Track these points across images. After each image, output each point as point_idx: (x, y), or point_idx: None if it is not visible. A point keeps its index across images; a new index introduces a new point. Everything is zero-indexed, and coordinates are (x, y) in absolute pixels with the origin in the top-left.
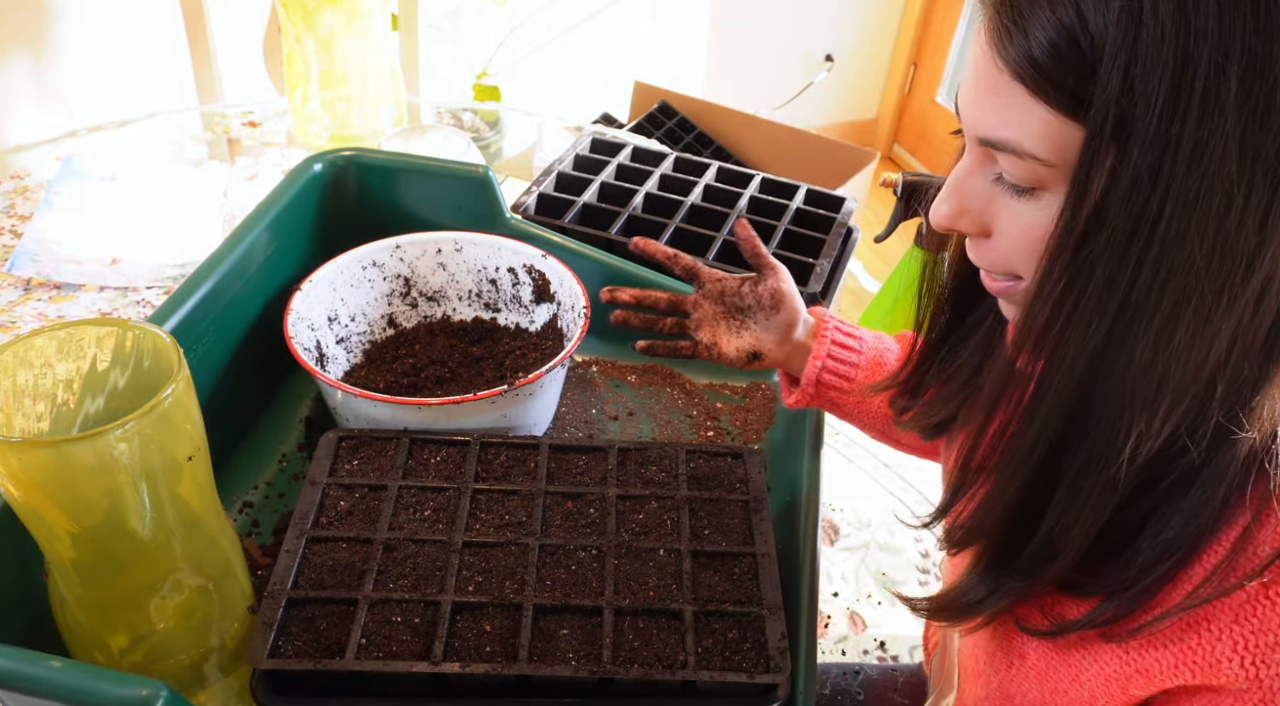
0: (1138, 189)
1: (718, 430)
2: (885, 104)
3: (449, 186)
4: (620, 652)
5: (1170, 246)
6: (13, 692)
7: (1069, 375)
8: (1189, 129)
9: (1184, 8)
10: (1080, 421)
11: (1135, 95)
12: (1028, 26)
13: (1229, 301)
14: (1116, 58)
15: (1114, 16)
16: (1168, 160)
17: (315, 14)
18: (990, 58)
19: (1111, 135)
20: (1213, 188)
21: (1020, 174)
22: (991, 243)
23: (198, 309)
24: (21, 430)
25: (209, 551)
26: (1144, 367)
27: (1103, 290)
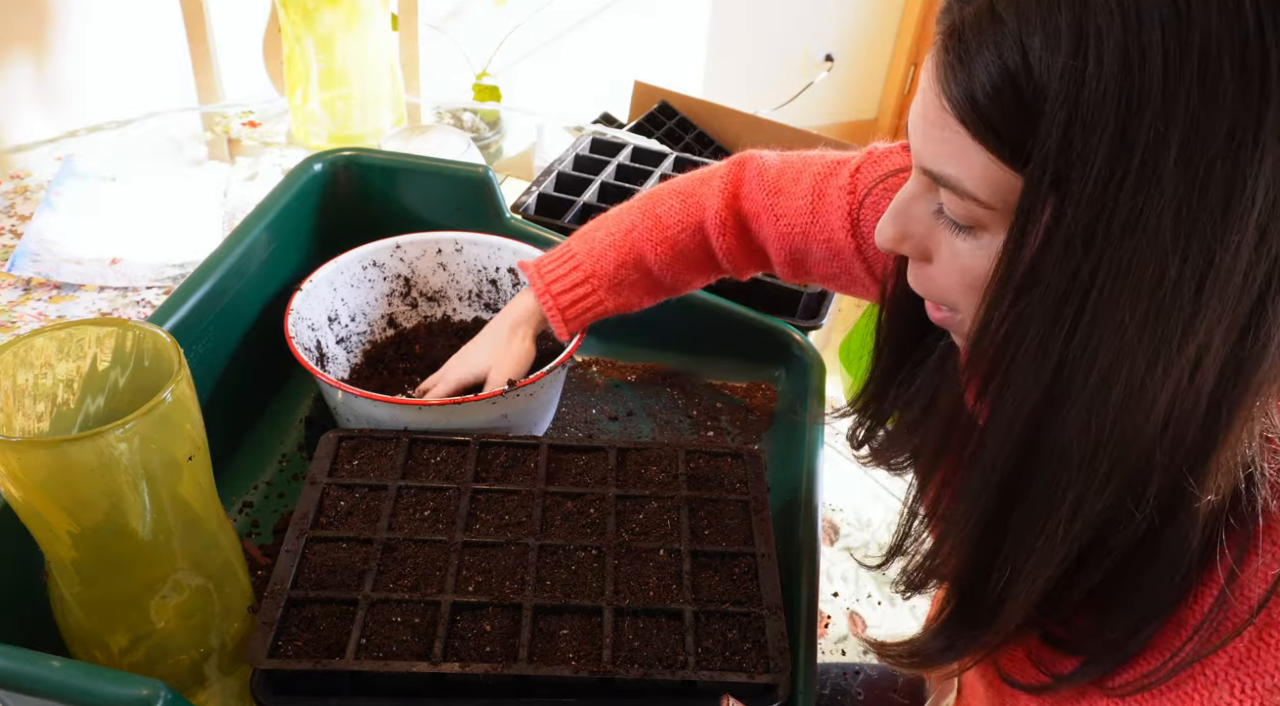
0: (1070, 251)
1: (718, 430)
2: (885, 104)
3: (449, 186)
4: (620, 652)
5: (1103, 311)
6: (13, 692)
7: (1009, 429)
8: (1125, 195)
9: (1129, 68)
10: (1023, 477)
11: (1073, 154)
12: (973, 66)
13: (1164, 369)
14: (1057, 113)
15: (1058, 69)
16: (1101, 225)
17: (315, 14)
18: (935, 92)
19: (1049, 191)
20: (1146, 257)
21: (960, 211)
22: (931, 271)
23: (198, 309)
24: (21, 430)
25: (209, 551)
26: (1080, 428)
27: (1037, 348)
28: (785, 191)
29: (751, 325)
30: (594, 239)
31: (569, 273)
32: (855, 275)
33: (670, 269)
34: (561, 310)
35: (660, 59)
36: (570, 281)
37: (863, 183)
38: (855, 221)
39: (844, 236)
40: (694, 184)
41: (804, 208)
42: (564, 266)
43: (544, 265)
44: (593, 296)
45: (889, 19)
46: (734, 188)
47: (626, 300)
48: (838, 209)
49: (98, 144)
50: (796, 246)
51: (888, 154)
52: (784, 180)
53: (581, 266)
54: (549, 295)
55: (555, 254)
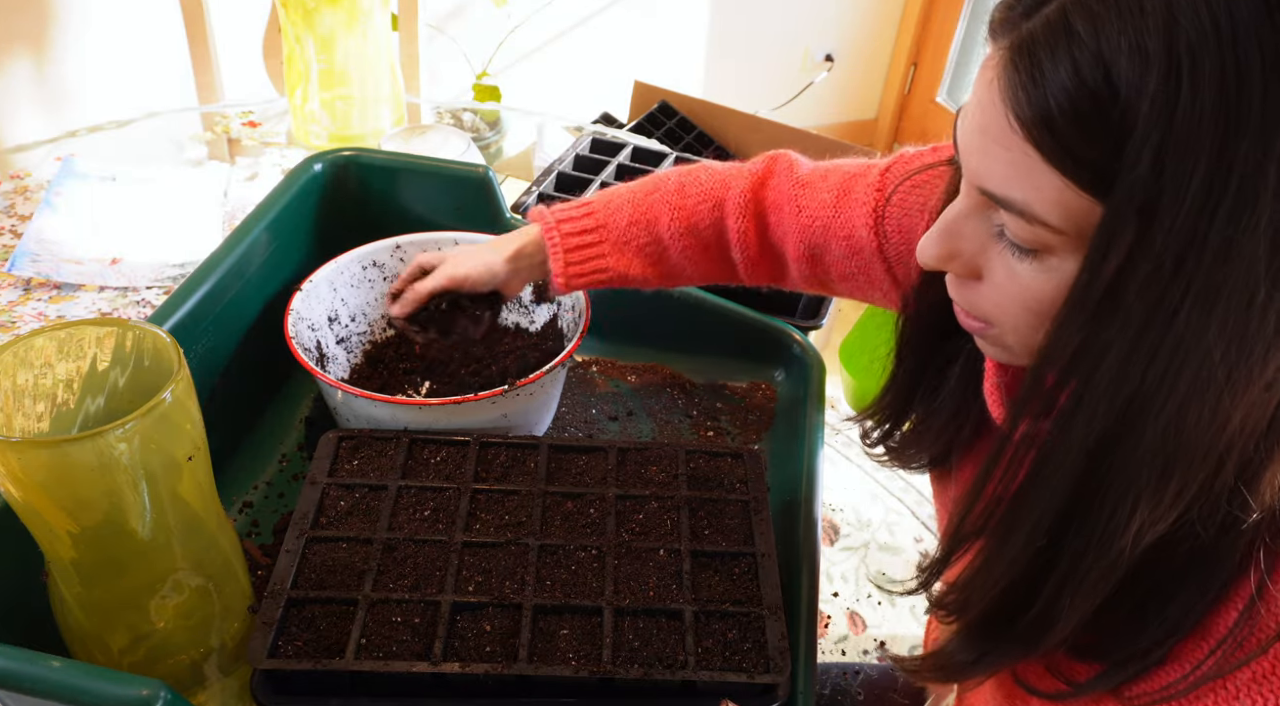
0: (1157, 278)
1: (718, 430)
2: (885, 104)
3: (449, 186)
4: (620, 652)
5: (1188, 336)
6: (13, 692)
7: (1075, 455)
8: (1219, 223)
9: (1226, 92)
10: (1084, 501)
11: (1166, 181)
12: (1048, 87)
13: (1244, 389)
14: (1148, 137)
15: (1150, 91)
16: (1193, 253)
17: (315, 14)
18: (1001, 111)
19: (1135, 217)
20: (1238, 284)
21: (1025, 235)
22: (981, 288)
23: (198, 309)
24: (21, 430)
25: (209, 551)
26: (1152, 451)
27: (1115, 374)
28: (812, 186)
29: (751, 325)
30: (614, 194)
31: (581, 216)
32: (873, 276)
33: (680, 242)
34: (566, 253)
35: (660, 59)
36: (580, 226)
37: (890, 181)
38: (879, 218)
39: (866, 233)
40: (726, 168)
41: (828, 201)
42: (578, 211)
43: (557, 208)
44: (598, 247)
45: (889, 19)
46: (763, 176)
47: (629, 263)
48: (862, 205)
49: (98, 144)
50: (816, 241)
51: (916, 156)
52: (813, 176)
53: (595, 214)
54: (556, 233)
55: (573, 203)
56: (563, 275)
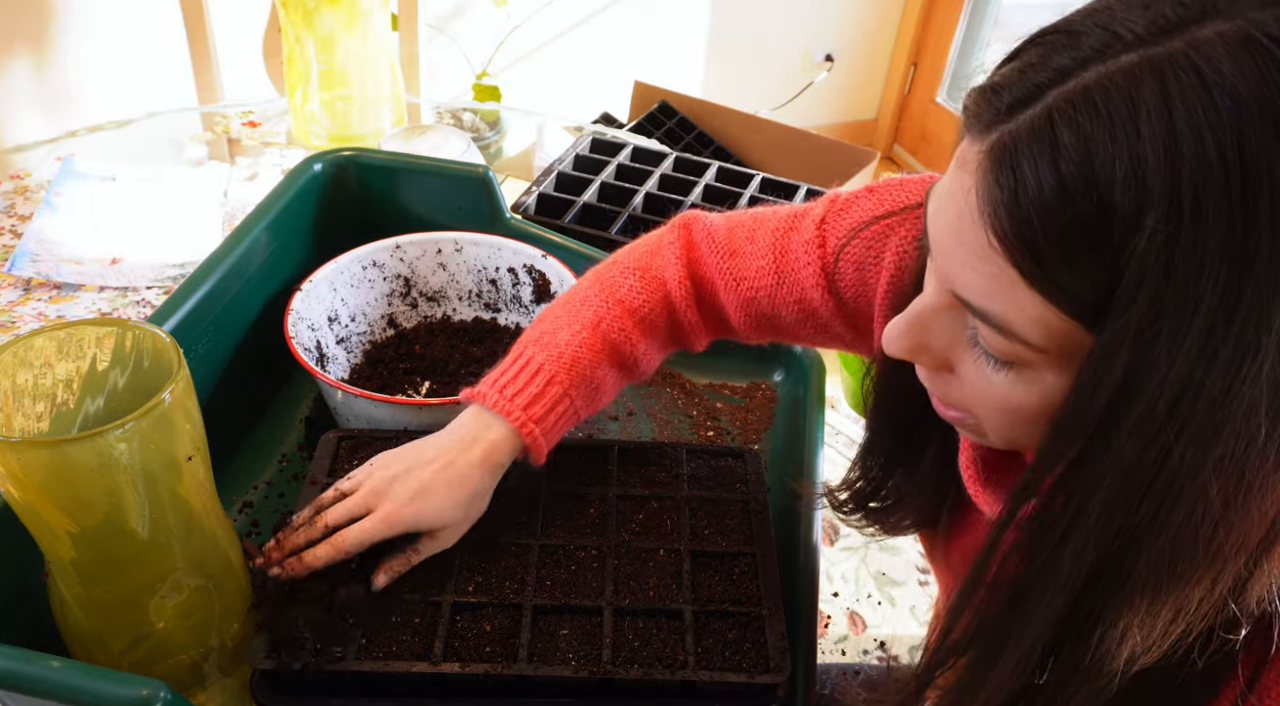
0: (1152, 417)
1: (718, 430)
2: (885, 104)
3: (449, 186)
4: (620, 652)
5: (1183, 475)
6: (13, 692)
7: (1065, 582)
8: (1219, 369)
9: (1233, 232)
10: (1074, 626)
11: (1162, 323)
12: (1033, 209)
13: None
14: (1144, 277)
15: (1148, 226)
16: (1188, 397)
17: (315, 14)
18: (980, 226)
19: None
20: (1236, 428)
21: (1002, 349)
22: (953, 381)
23: (198, 309)
24: (21, 430)
25: (209, 551)
26: (1143, 583)
27: (1104, 508)
28: (740, 253)
29: None
30: (555, 343)
31: (544, 388)
32: (835, 332)
33: (642, 353)
34: (546, 435)
35: (660, 59)
36: (549, 399)
37: (833, 235)
38: (830, 278)
39: (819, 295)
40: (645, 257)
41: (766, 268)
42: (535, 383)
43: (506, 386)
44: (570, 410)
45: (889, 19)
46: (688, 252)
47: (598, 403)
48: (806, 266)
49: (98, 144)
50: (762, 311)
51: (852, 201)
52: (735, 240)
53: (556, 378)
54: (531, 422)
55: (513, 370)
56: (545, 450)
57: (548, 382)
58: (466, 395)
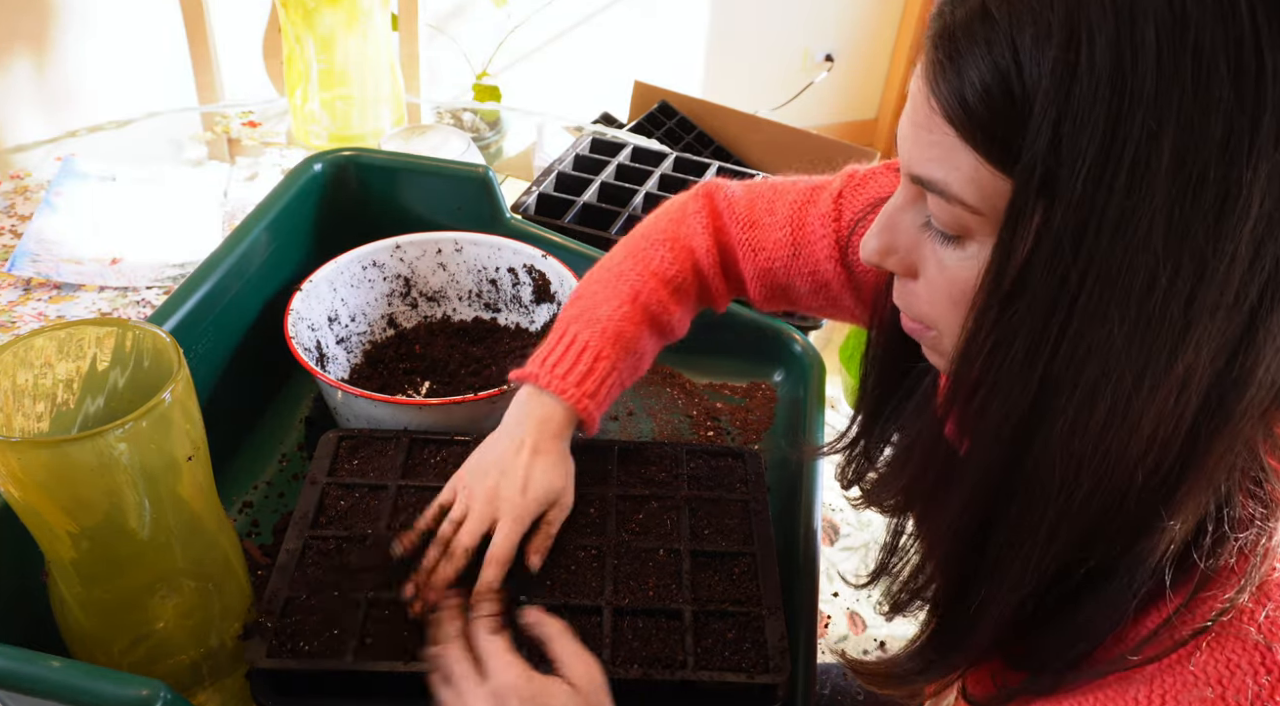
0: (1059, 255)
1: (718, 430)
2: (885, 104)
3: (449, 186)
4: (620, 652)
5: (1090, 321)
6: (13, 692)
7: (993, 445)
8: (1115, 196)
9: (1121, 66)
10: (1004, 497)
11: (1062, 154)
12: (962, 66)
13: (1151, 386)
14: (1047, 111)
15: (1049, 66)
16: (1091, 228)
17: (315, 14)
18: (925, 94)
19: (1038, 193)
20: (1136, 264)
21: (947, 218)
22: (916, 287)
23: (198, 309)
24: (21, 430)
25: (209, 551)
26: (1062, 446)
27: (1023, 360)
28: (759, 224)
29: (751, 325)
30: (598, 318)
31: (593, 364)
32: (844, 306)
33: (676, 319)
34: (598, 407)
35: (660, 59)
36: (599, 374)
37: (848, 208)
38: (844, 251)
39: (832, 267)
40: (672, 226)
41: (783, 239)
42: (584, 360)
43: (557, 365)
44: (618, 380)
45: (889, 19)
46: (713, 221)
47: (640, 368)
48: (822, 239)
49: (98, 144)
50: (778, 281)
51: (870, 176)
52: (756, 211)
53: (603, 354)
54: (585, 398)
55: (560, 349)
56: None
57: (596, 358)
58: (518, 376)
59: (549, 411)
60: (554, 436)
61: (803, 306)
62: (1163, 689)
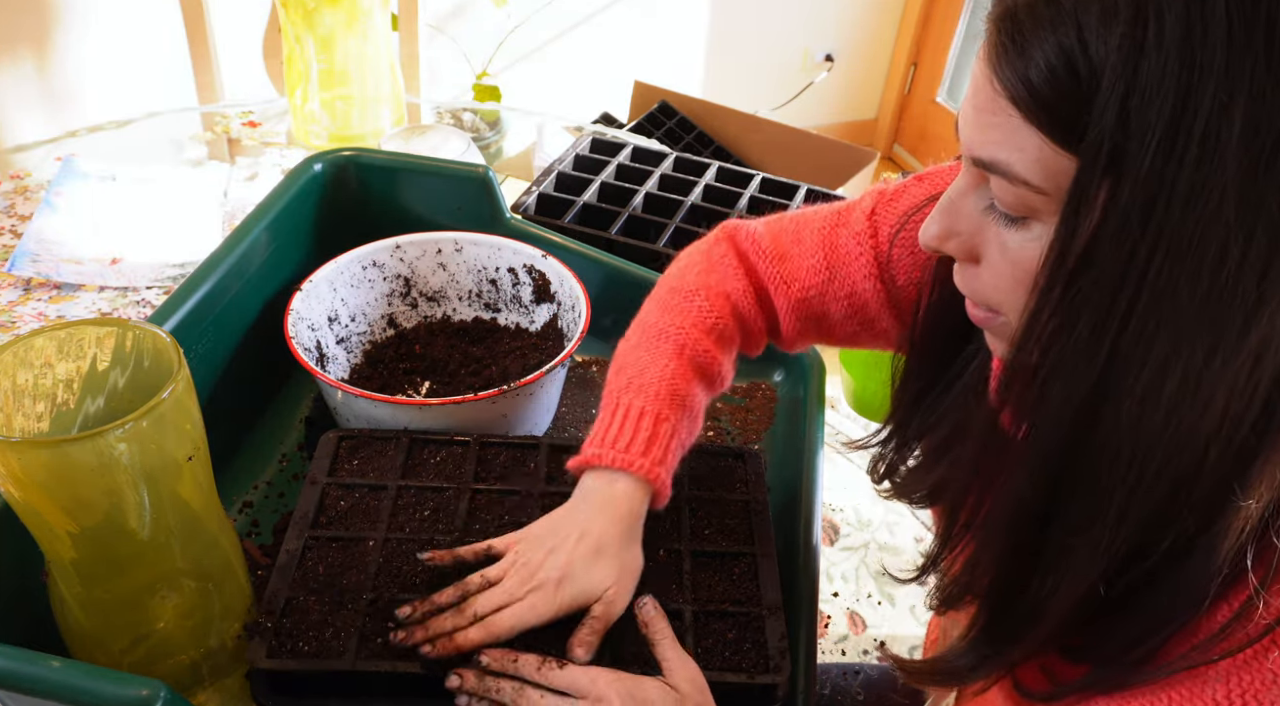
0: (1127, 230)
1: (718, 430)
2: (885, 104)
3: (449, 186)
4: (620, 652)
5: (1160, 296)
6: (13, 692)
7: (1056, 428)
8: (1186, 171)
9: (1190, 39)
10: (1069, 481)
11: (1131, 129)
12: (1026, 47)
13: (1223, 361)
14: (1114, 87)
15: (1115, 43)
16: (1161, 202)
17: (315, 14)
18: (987, 76)
19: (1104, 170)
20: (1208, 236)
21: (1011, 200)
22: (978, 270)
23: (198, 309)
24: (21, 430)
25: (209, 551)
26: (1132, 424)
27: (1089, 336)
28: (788, 255)
29: None
30: (647, 381)
31: (654, 430)
32: (880, 328)
33: (725, 368)
34: (669, 472)
35: (660, 59)
36: (663, 437)
37: (884, 224)
38: (883, 266)
39: (870, 285)
40: (702, 276)
41: (817, 266)
42: (644, 429)
43: (619, 440)
44: (678, 440)
45: (889, 19)
46: (743, 261)
47: (697, 426)
48: (859, 258)
49: (98, 144)
50: (813, 311)
51: (902, 190)
52: (782, 244)
53: (664, 417)
54: (656, 466)
55: (619, 423)
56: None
57: (656, 422)
58: (578, 463)
59: (618, 491)
60: (620, 521)
61: (836, 336)
62: (1241, 687)
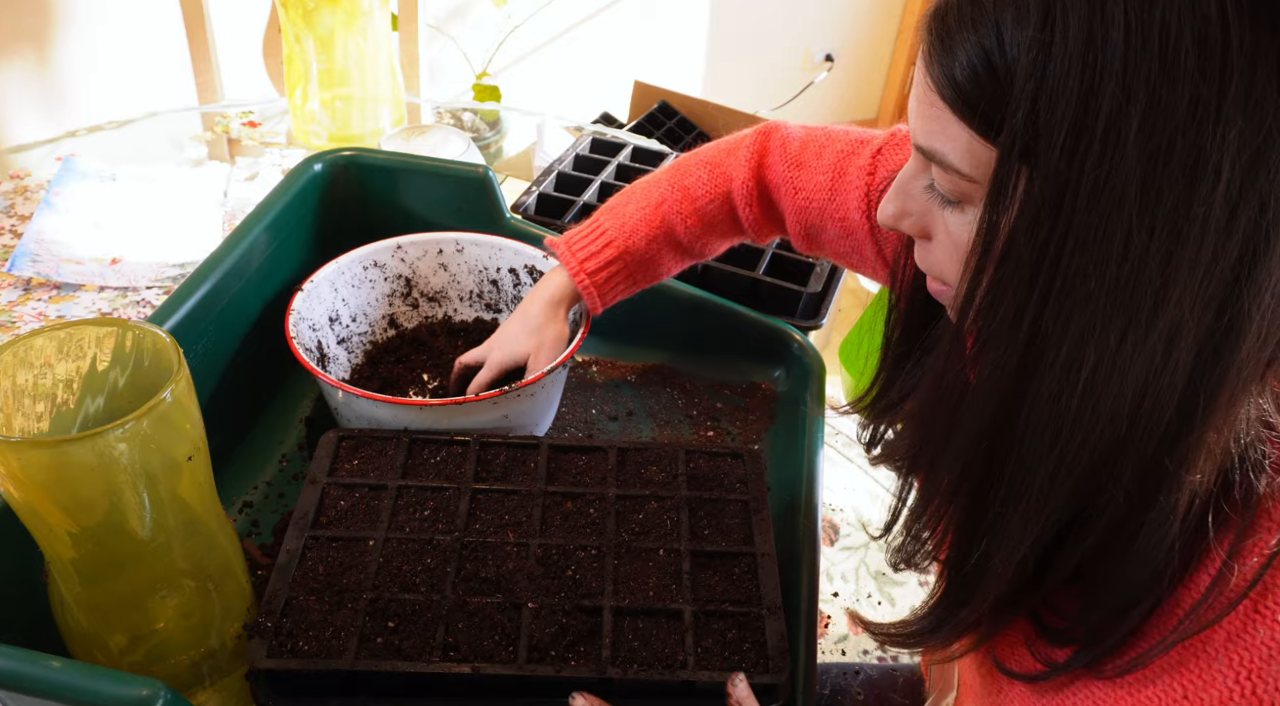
0: (1040, 221)
1: (718, 430)
2: (885, 104)
3: (449, 187)
4: (620, 652)
5: (1072, 281)
6: (13, 692)
7: (986, 399)
8: (1089, 166)
9: (1092, 42)
10: (1000, 449)
11: (1040, 126)
12: (952, 46)
13: (1135, 344)
14: (1025, 85)
15: (1026, 44)
16: (1069, 195)
17: (315, 14)
18: (922, 72)
19: (1019, 162)
20: (1111, 228)
21: (948, 186)
22: (931, 247)
23: (198, 309)
24: (21, 430)
25: (209, 551)
26: (1051, 400)
27: (1013, 316)
28: (807, 165)
29: (751, 325)
30: (624, 213)
31: (602, 249)
32: (865, 255)
33: (699, 239)
34: (598, 287)
35: (660, 59)
36: (604, 259)
37: (884, 165)
38: (870, 203)
39: (859, 216)
40: (721, 154)
41: (823, 184)
42: (596, 243)
43: (575, 242)
44: (624, 271)
45: (889, 19)
46: (759, 157)
47: (655, 273)
48: (855, 188)
49: (98, 144)
50: (812, 222)
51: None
52: (806, 153)
53: (614, 243)
54: (584, 274)
55: (585, 230)
56: (600, 305)
57: (606, 244)
58: (550, 242)
59: (555, 279)
60: (545, 301)
61: (831, 250)
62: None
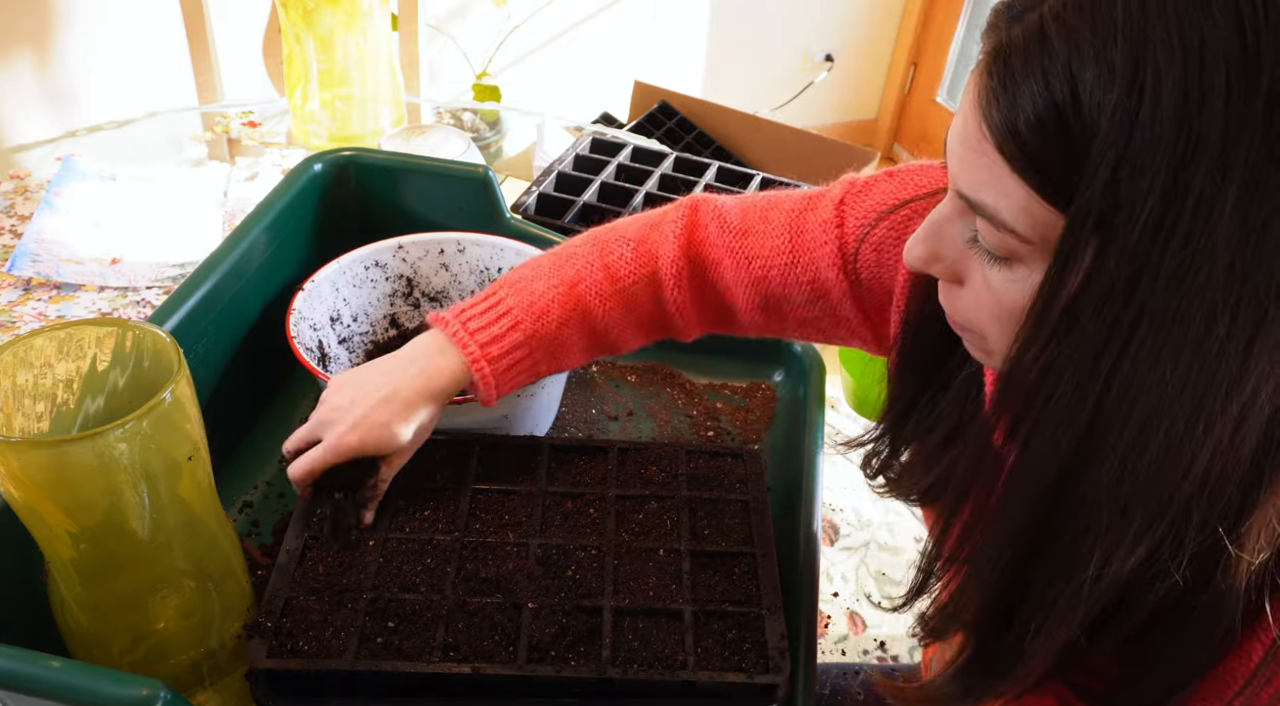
0: (1112, 298)
1: (718, 430)
2: (885, 104)
3: (449, 187)
4: (620, 652)
5: (1143, 363)
6: (13, 692)
7: (1037, 479)
8: (1174, 245)
9: (1188, 112)
10: (1049, 530)
11: (1121, 198)
12: (1017, 94)
13: (1205, 428)
14: (1106, 153)
15: (1110, 106)
16: (1147, 274)
17: (315, 14)
18: (976, 118)
19: (1092, 232)
20: (1192, 311)
21: (995, 242)
22: (961, 292)
23: (198, 309)
24: (21, 430)
25: (209, 551)
26: (1111, 484)
27: (1071, 396)
28: (754, 232)
29: None
30: (531, 290)
31: (506, 332)
32: (841, 317)
33: (616, 326)
34: (498, 377)
35: (660, 59)
36: (508, 343)
37: (852, 216)
38: (848, 259)
39: (834, 275)
40: (645, 230)
41: (780, 247)
42: (499, 324)
43: (471, 321)
44: (529, 358)
45: (889, 19)
46: (688, 233)
47: (560, 362)
48: (823, 245)
49: (98, 144)
50: (773, 292)
51: (871, 184)
52: (749, 220)
53: (521, 324)
54: (484, 361)
55: (482, 307)
56: (495, 397)
57: (512, 326)
58: (431, 318)
59: (443, 364)
60: (422, 388)
61: (794, 318)
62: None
